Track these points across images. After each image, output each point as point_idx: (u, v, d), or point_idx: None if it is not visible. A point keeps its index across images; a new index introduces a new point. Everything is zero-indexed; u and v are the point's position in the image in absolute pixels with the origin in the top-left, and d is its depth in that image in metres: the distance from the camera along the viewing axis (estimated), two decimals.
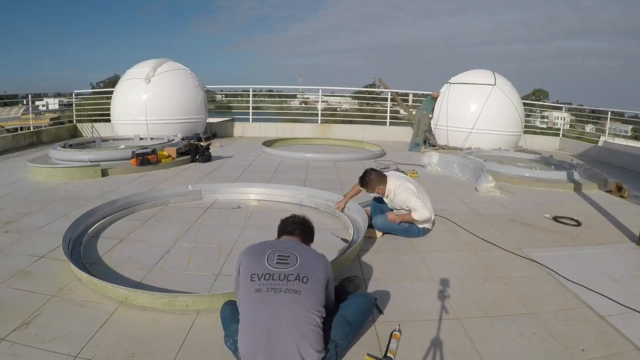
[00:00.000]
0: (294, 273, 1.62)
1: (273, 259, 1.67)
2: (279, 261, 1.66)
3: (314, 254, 1.79)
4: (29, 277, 2.60)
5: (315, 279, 1.65)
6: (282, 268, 1.64)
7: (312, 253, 1.80)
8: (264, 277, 1.61)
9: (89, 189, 4.85)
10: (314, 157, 7.28)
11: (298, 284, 1.60)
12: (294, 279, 1.61)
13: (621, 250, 3.37)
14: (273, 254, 1.69)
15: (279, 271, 1.62)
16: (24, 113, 13.06)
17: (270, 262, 1.66)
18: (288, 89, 21.29)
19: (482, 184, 5.15)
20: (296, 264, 1.65)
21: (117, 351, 1.89)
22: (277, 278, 1.60)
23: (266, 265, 1.64)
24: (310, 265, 1.68)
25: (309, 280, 1.62)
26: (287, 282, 1.60)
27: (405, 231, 3.41)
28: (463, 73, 9.88)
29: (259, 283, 1.60)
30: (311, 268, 1.67)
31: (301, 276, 1.62)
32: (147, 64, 9.27)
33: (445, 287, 2.58)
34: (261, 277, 1.61)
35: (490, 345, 2.01)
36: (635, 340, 2.06)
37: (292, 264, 1.65)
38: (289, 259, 1.67)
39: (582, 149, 9.90)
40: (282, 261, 1.66)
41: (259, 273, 1.62)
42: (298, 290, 1.59)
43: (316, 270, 1.68)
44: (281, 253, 1.70)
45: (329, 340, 1.74)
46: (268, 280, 1.60)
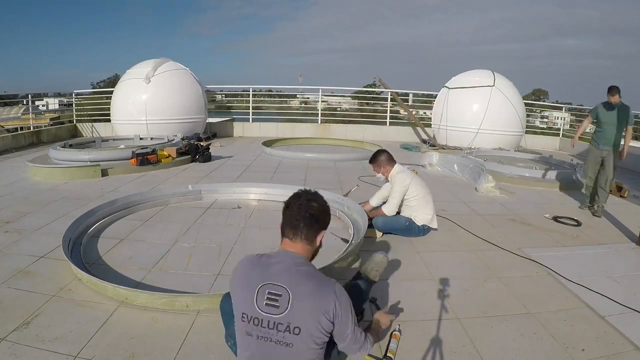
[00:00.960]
0: (283, 322, 1.40)
1: (263, 297, 1.43)
2: (269, 302, 1.42)
3: (312, 293, 1.45)
4: (29, 277, 2.60)
5: (308, 330, 1.41)
6: (272, 312, 1.42)
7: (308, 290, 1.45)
8: (253, 321, 1.44)
9: (89, 189, 4.85)
10: (314, 157, 7.29)
11: (289, 336, 1.41)
12: (284, 330, 1.41)
13: (621, 250, 3.37)
14: (263, 290, 1.44)
15: (267, 317, 1.42)
16: (24, 113, 13.07)
17: (260, 302, 1.43)
18: (288, 89, 21.29)
19: (482, 184, 5.16)
20: (287, 309, 1.41)
21: (117, 351, 1.89)
22: (266, 326, 1.42)
23: (255, 307, 1.43)
24: (303, 310, 1.42)
25: (300, 331, 1.40)
26: (277, 332, 1.41)
27: (405, 230, 3.41)
28: (463, 73, 9.90)
29: (249, 327, 1.44)
30: (304, 315, 1.42)
31: (292, 327, 1.40)
32: (147, 64, 9.28)
33: (445, 287, 2.58)
34: (250, 321, 1.44)
35: (490, 345, 2.01)
36: (635, 340, 2.06)
37: (283, 308, 1.41)
38: (279, 300, 1.42)
39: (583, 149, 9.90)
40: (272, 303, 1.42)
41: (248, 315, 1.45)
42: (290, 343, 1.41)
43: (311, 317, 1.42)
44: (272, 289, 1.44)
45: None
46: (257, 326, 1.43)
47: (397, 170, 3.48)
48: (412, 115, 11.10)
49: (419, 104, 13.70)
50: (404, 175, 3.44)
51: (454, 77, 9.88)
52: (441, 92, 9.93)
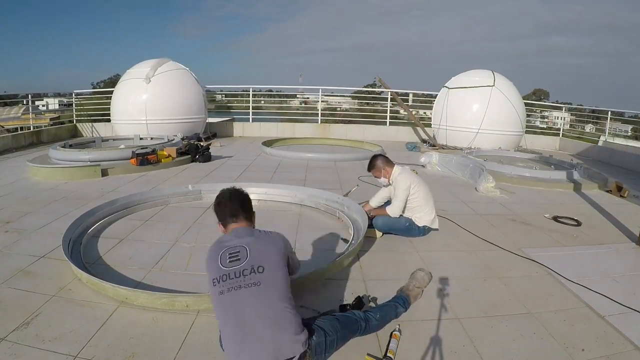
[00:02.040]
0: (247, 267, 1.64)
1: (225, 258, 1.68)
2: (231, 259, 1.67)
3: (263, 237, 1.80)
4: (29, 277, 2.60)
5: (270, 264, 1.67)
6: (235, 265, 1.65)
7: (260, 238, 1.79)
8: (222, 278, 1.63)
9: (89, 189, 4.85)
10: (314, 157, 7.28)
11: (254, 276, 1.62)
12: (250, 272, 1.63)
13: (621, 250, 3.37)
14: (225, 254, 1.70)
15: (233, 269, 1.64)
16: (24, 113, 13.08)
17: (224, 262, 1.67)
18: (288, 88, 21.29)
19: (482, 184, 5.16)
20: (247, 257, 1.67)
21: (117, 351, 1.89)
22: (233, 276, 1.63)
23: (220, 267, 1.66)
24: (261, 253, 1.70)
25: (264, 269, 1.65)
26: (243, 278, 1.62)
27: (405, 230, 3.41)
28: (463, 73, 9.89)
29: (220, 286, 1.63)
30: (263, 255, 1.69)
31: (255, 267, 1.64)
32: (147, 64, 9.27)
33: (445, 287, 2.58)
34: (219, 280, 1.64)
35: (490, 345, 2.01)
36: (635, 340, 2.06)
37: (244, 258, 1.66)
38: (239, 254, 1.68)
39: (582, 149, 9.91)
40: (234, 258, 1.67)
41: (217, 276, 1.65)
42: (257, 282, 1.61)
43: (269, 255, 1.70)
44: (231, 251, 1.70)
45: (316, 326, 1.76)
46: (226, 280, 1.63)
47: (397, 172, 3.47)
48: (412, 115, 11.10)
49: (419, 104, 13.70)
50: (405, 175, 3.42)
51: (454, 77, 9.88)
52: (441, 92, 9.93)
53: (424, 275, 2.47)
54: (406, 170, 3.54)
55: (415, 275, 2.47)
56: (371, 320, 2.01)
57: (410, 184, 3.37)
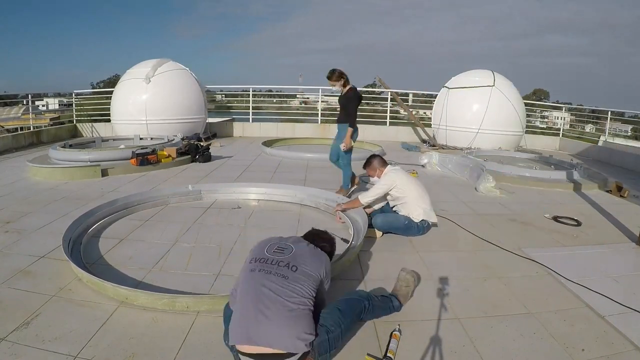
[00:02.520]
0: (285, 260, 1.80)
1: (272, 248, 1.88)
2: (276, 250, 1.86)
3: (312, 251, 1.92)
4: (29, 277, 2.60)
5: (303, 270, 1.79)
6: (277, 256, 1.83)
7: (310, 249, 1.92)
8: (260, 260, 1.81)
9: (89, 189, 4.85)
10: (314, 157, 7.28)
11: (286, 270, 1.76)
12: (284, 265, 1.78)
13: (621, 250, 3.37)
14: (274, 245, 1.90)
15: (273, 257, 1.82)
16: (24, 113, 13.08)
17: (269, 250, 1.87)
18: (288, 88, 21.28)
19: (482, 184, 5.16)
20: (290, 254, 1.83)
21: (117, 351, 1.89)
22: (270, 262, 1.80)
23: (264, 252, 1.86)
24: (303, 258, 1.83)
25: (297, 269, 1.78)
26: (277, 267, 1.77)
27: (404, 229, 3.42)
28: (463, 73, 9.90)
29: (255, 264, 1.80)
30: (302, 260, 1.82)
31: (291, 264, 1.79)
32: (147, 64, 9.27)
33: (445, 287, 2.58)
34: (257, 260, 1.82)
35: (490, 345, 2.01)
36: (635, 340, 2.06)
37: (287, 254, 1.84)
38: (285, 250, 1.86)
39: (582, 149, 9.91)
40: (279, 251, 1.86)
41: (257, 257, 1.84)
42: (286, 275, 1.74)
43: (307, 264, 1.82)
44: (280, 245, 1.90)
45: (319, 325, 1.78)
46: (262, 263, 1.80)
47: (387, 170, 3.61)
48: (412, 115, 11.10)
49: (419, 104, 13.70)
50: (392, 175, 3.52)
51: (454, 77, 9.88)
52: (441, 92, 9.93)
53: (405, 274, 2.42)
54: (397, 171, 3.59)
55: (399, 276, 2.43)
56: (374, 300, 2.09)
57: (394, 183, 3.46)
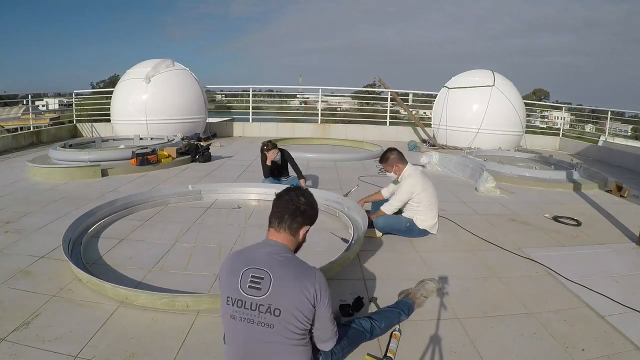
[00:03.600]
0: (264, 304, 1.47)
1: (246, 280, 1.51)
2: (252, 285, 1.50)
3: (293, 277, 1.52)
4: (29, 277, 2.60)
5: (288, 309, 1.47)
6: (254, 294, 1.48)
7: (290, 274, 1.52)
8: (237, 304, 1.50)
9: (89, 189, 4.85)
10: (314, 157, 7.28)
11: (270, 318, 1.46)
12: (265, 311, 1.46)
13: (621, 250, 3.37)
14: (247, 274, 1.52)
15: (250, 298, 1.48)
16: (24, 113, 13.07)
17: (243, 285, 1.50)
18: (288, 89, 21.30)
19: (482, 184, 5.16)
20: (268, 291, 1.47)
21: (117, 351, 1.89)
22: (248, 307, 1.48)
23: (239, 289, 1.50)
24: (284, 293, 1.48)
25: (281, 313, 1.46)
26: (258, 314, 1.47)
27: (405, 231, 3.41)
28: (463, 73, 9.91)
29: (233, 309, 1.51)
30: (284, 297, 1.48)
31: (272, 308, 1.46)
32: (147, 64, 9.28)
33: (445, 287, 2.57)
34: (234, 303, 1.50)
35: (490, 345, 2.01)
36: (636, 340, 2.06)
37: (264, 290, 1.48)
38: (262, 282, 1.49)
39: (582, 149, 9.91)
40: (255, 285, 1.49)
41: (233, 298, 1.51)
42: (271, 324, 1.46)
43: (290, 300, 1.48)
44: (254, 273, 1.51)
45: None
46: (240, 307, 1.49)
47: (408, 172, 3.42)
48: (412, 115, 11.10)
49: (419, 104, 13.70)
50: (413, 180, 3.36)
51: (454, 77, 9.89)
52: (441, 92, 9.94)
53: (434, 286, 2.45)
54: (417, 172, 3.45)
55: (425, 285, 2.45)
56: (375, 330, 1.98)
57: (415, 189, 3.34)
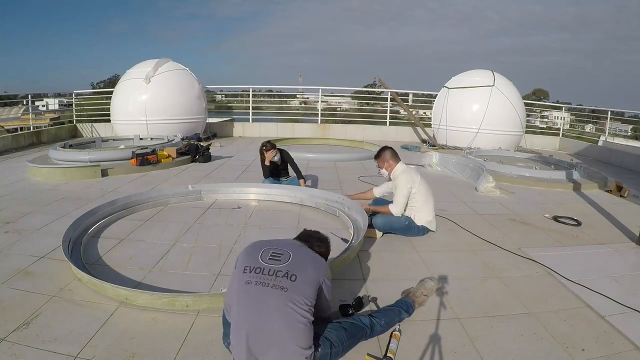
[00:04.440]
0: (283, 270, 1.66)
1: (267, 254, 1.72)
2: (272, 257, 1.71)
3: (310, 256, 1.81)
4: (29, 277, 2.60)
5: (303, 278, 1.66)
6: (273, 264, 1.68)
7: (308, 254, 1.81)
8: (255, 270, 1.67)
9: (89, 189, 4.85)
10: (313, 157, 7.28)
11: (285, 281, 1.63)
12: (282, 276, 1.64)
13: (621, 250, 3.37)
14: (268, 250, 1.74)
15: (269, 266, 1.67)
16: (24, 113, 13.07)
17: (264, 257, 1.71)
18: (288, 89, 21.31)
19: (482, 184, 5.16)
20: (288, 261, 1.69)
21: (117, 351, 1.89)
22: (266, 273, 1.65)
23: (259, 259, 1.70)
24: (302, 265, 1.71)
25: (297, 278, 1.65)
26: (275, 278, 1.63)
27: (405, 229, 3.41)
28: (462, 73, 9.91)
29: (250, 275, 1.66)
30: (302, 267, 1.70)
31: (290, 274, 1.65)
32: (147, 64, 9.28)
33: (445, 287, 2.58)
34: (252, 270, 1.67)
35: (490, 345, 2.01)
36: (636, 340, 2.06)
37: (284, 261, 1.69)
38: (281, 257, 1.71)
39: (582, 149, 9.91)
40: (275, 257, 1.71)
41: (251, 266, 1.68)
42: (285, 287, 1.62)
43: (306, 270, 1.70)
44: (276, 250, 1.74)
45: (323, 338, 1.76)
46: (258, 273, 1.65)
47: (400, 170, 3.45)
48: (412, 115, 11.10)
49: (419, 104, 13.70)
50: (407, 176, 3.40)
51: (454, 77, 9.89)
52: (441, 92, 9.94)
53: (434, 285, 2.45)
54: (410, 170, 3.50)
55: (425, 284, 2.45)
56: (376, 327, 2.00)
57: (411, 185, 3.37)
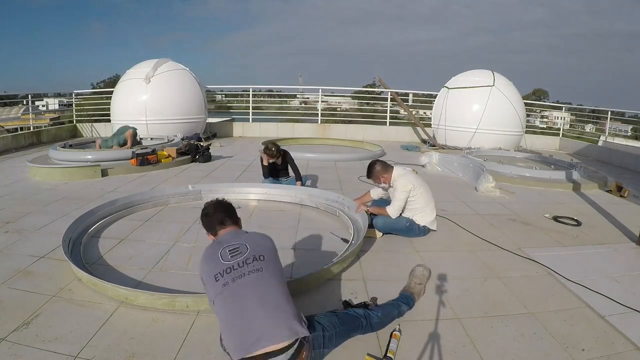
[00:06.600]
0: (249, 257, 1.75)
1: (226, 254, 1.77)
2: (232, 254, 1.77)
3: (257, 235, 1.94)
4: (29, 277, 2.60)
5: (269, 255, 1.81)
6: (238, 256, 1.75)
7: (254, 235, 1.93)
8: (225, 271, 1.71)
9: (89, 189, 4.85)
10: (314, 157, 7.28)
11: (257, 263, 1.73)
12: (252, 261, 1.74)
13: (621, 250, 3.37)
14: (225, 250, 1.79)
15: (235, 261, 1.74)
16: (24, 113, 13.08)
17: (225, 257, 1.76)
18: (288, 88, 21.31)
19: (482, 184, 5.16)
20: (248, 250, 1.78)
21: (117, 351, 1.89)
22: (237, 267, 1.71)
23: (221, 261, 1.75)
24: (260, 245, 1.84)
25: (265, 257, 1.77)
26: (246, 266, 1.71)
27: (406, 230, 3.41)
28: (462, 73, 9.90)
29: (224, 279, 1.69)
30: (261, 247, 1.83)
31: (257, 255, 1.76)
32: (147, 64, 9.27)
33: (445, 287, 2.57)
34: (223, 273, 1.71)
35: (490, 345, 2.01)
36: (636, 340, 2.06)
37: (244, 252, 1.77)
38: (239, 249, 1.79)
39: (582, 149, 9.91)
40: (235, 252, 1.78)
41: (220, 270, 1.72)
42: (259, 268, 1.72)
43: (266, 247, 1.84)
44: (231, 247, 1.81)
45: (316, 321, 1.81)
46: (230, 272, 1.70)
47: (397, 174, 3.41)
48: (412, 115, 11.10)
49: (419, 104, 13.70)
50: (405, 180, 3.36)
51: (454, 77, 9.88)
52: (441, 92, 9.93)
53: (422, 270, 2.48)
54: (407, 172, 3.46)
55: (414, 272, 2.48)
56: (372, 318, 2.01)
57: (410, 188, 3.34)
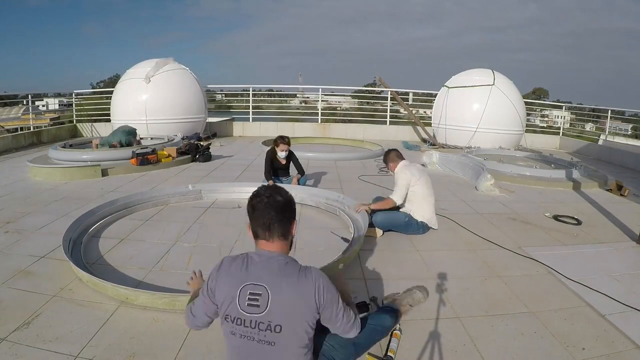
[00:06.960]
0: (264, 321, 1.41)
1: (244, 298, 1.44)
2: (250, 302, 1.43)
3: (293, 284, 1.45)
4: (29, 277, 2.60)
5: (289, 324, 1.42)
6: (253, 312, 1.42)
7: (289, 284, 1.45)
8: (236, 322, 1.44)
9: (89, 189, 4.85)
10: (314, 156, 7.28)
11: (270, 335, 1.41)
12: (265, 329, 1.41)
13: (621, 249, 3.37)
14: (245, 291, 1.44)
15: (249, 317, 1.42)
16: (24, 113, 13.09)
17: (242, 302, 1.43)
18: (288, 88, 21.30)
19: (482, 183, 5.15)
20: (266, 308, 1.41)
21: (118, 351, 1.89)
22: (248, 325, 1.42)
23: (237, 307, 1.44)
24: (283, 308, 1.42)
25: (282, 328, 1.41)
26: (258, 332, 1.42)
27: (405, 226, 3.42)
28: (462, 72, 9.90)
29: (232, 327, 1.45)
30: (284, 311, 1.42)
31: (272, 325, 1.41)
32: (147, 64, 9.27)
33: (445, 286, 2.58)
34: (234, 321, 1.45)
35: (490, 344, 2.01)
36: (636, 339, 2.06)
37: (262, 306, 1.41)
38: (259, 299, 1.43)
39: (582, 148, 9.90)
40: (253, 302, 1.43)
41: (232, 316, 1.45)
42: (271, 341, 1.41)
43: (291, 313, 1.43)
44: (253, 290, 1.44)
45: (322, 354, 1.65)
46: (240, 325, 1.44)
47: (400, 166, 3.58)
48: (412, 115, 11.10)
49: (419, 103, 13.70)
50: (407, 169, 3.52)
51: (454, 77, 9.89)
52: (441, 91, 9.93)
53: (421, 298, 2.37)
54: (410, 166, 3.59)
55: (413, 294, 2.36)
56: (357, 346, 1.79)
57: (410, 177, 3.46)
